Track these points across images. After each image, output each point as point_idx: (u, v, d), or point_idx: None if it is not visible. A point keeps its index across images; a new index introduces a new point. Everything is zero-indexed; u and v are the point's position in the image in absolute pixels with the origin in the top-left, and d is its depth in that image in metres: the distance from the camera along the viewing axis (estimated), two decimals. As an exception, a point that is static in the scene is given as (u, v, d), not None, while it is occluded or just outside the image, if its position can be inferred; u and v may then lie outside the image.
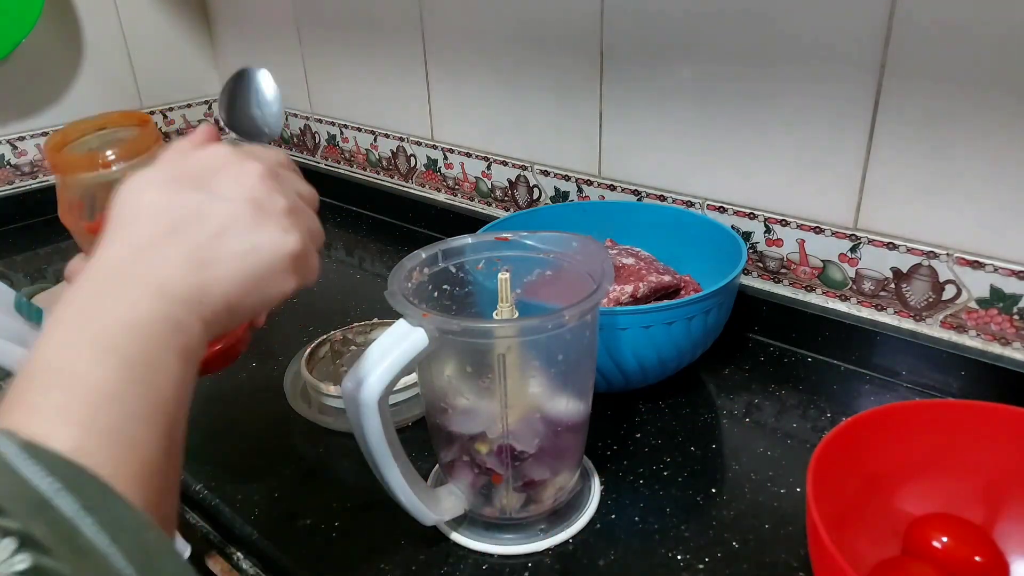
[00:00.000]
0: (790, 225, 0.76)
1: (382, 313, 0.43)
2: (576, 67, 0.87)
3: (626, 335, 0.62)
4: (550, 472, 0.54)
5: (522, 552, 0.53)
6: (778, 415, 0.67)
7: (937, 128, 0.64)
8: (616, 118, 0.86)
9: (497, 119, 0.99)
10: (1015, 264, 0.64)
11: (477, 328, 0.49)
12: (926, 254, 0.68)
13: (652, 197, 0.86)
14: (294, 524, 0.57)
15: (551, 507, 0.55)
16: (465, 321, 0.49)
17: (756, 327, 0.79)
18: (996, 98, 0.60)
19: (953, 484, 0.50)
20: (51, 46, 1.21)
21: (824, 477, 0.45)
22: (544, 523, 0.55)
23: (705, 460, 0.62)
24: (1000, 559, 0.46)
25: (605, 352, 0.62)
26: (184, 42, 1.37)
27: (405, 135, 1.13)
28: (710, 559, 0.52)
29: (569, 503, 0.57)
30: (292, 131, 1.34)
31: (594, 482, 0.59)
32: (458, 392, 0.51)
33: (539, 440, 0.52)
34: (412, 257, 0.53)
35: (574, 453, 0.56)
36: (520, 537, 0.54)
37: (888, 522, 0.49)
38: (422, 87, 1.06)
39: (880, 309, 0.73)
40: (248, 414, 0.70)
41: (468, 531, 0.55)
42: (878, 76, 0.65)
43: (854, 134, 0.68)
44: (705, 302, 0.63)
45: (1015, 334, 0.66)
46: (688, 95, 0.78)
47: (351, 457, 0.63)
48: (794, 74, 0.70)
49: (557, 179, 0.95)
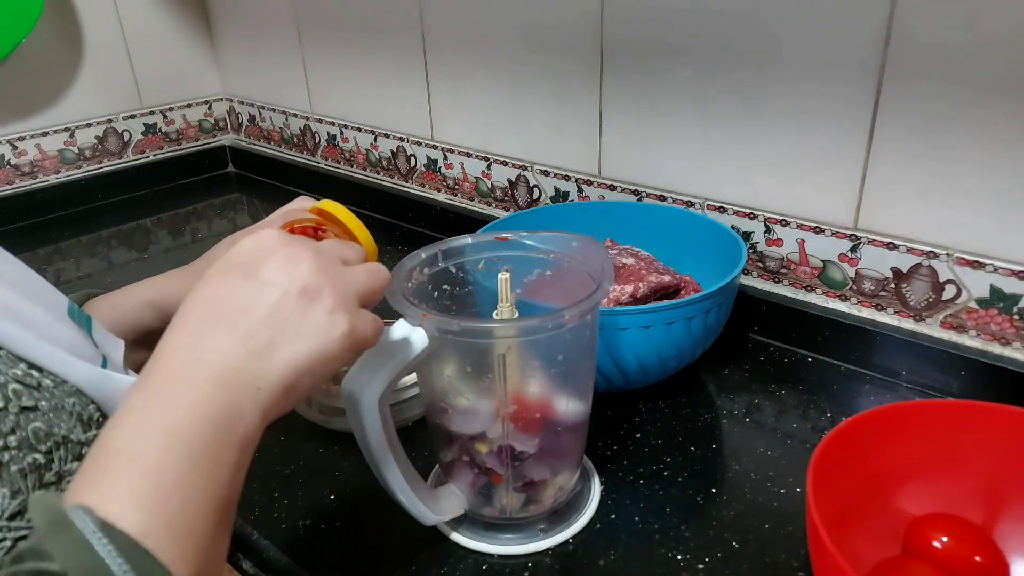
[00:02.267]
0: (790, 225, 0.76)
1: (383, 313, 0.43)
2: (576, 67, 0.87)
3: (626, 335, 0.62)
4: (550, 472, 0.54)
5: (522, 552, 0.53)
6: (778, 415, 0.67)
7: (937, 128, 0.64)
8: (616, 118, 0.86)
9: (497, 119, 0.99)
10: (1015, 264, 0.64)
11: (477, 328, 0.49)
12: (926, 254, 0.68)
13: (652, 197, 0.86)
14: (294, 524, 0.57)
15: (551, 507, 0.55)
16: (465, 321, 0.49)
17: (756, 327, 0.79)
18: (996, 98, 0.60)
19: (953, 484, 0.50)
20: (51, 46, 1.21)
21: (824, 477, 0.45)
22: (544, 523, 0.55)
23: (705, 460, 0.62)
24: (1000, 559, 0.46)
25: (605, 352, 0.62)
26: (184, 42, 1.37)
27: (405, 135, 1.13)
28: (710, 559, 0.52)
29: (569, 503, 0.57)
30: (292, 131, 1.34)
31: (594, 482, 0.59)
32: (458, 392, 0.51)
33: (539, 440, 0.52)
34: (412, 257, 0.53)
35: (574, 453, 0.56)
36: (520, 537, 0.54)
37: (888, 522, 0.49)
38: (422, 87, 1.06)
39: (880, 309, 0.73)
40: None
41: (468, 531, 0.55)
42: (878, 76, 0.65)
43: (854, 134, 0.68)
44: (705, 302, 0.63)
45: (1015, 334, 0.66)
46: (688, 95, 0.78)
47: (351, 457, 0.63)
48: (794, 74, 0.70)
49: (557, 179, 0.95)
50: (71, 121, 1.27)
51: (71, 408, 0.40)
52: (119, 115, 1.32)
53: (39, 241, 1.17)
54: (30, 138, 1.23)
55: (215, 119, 1.46)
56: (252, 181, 1.43)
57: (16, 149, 1.22)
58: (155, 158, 1.39)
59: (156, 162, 1.38)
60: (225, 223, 1.24)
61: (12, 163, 1.22)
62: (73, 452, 0.39)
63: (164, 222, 1.25)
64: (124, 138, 1.34)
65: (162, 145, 1.40)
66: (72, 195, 1.28)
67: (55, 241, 1.17)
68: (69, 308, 0.46)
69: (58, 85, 1.24)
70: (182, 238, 1.19)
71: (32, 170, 1.25)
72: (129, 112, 1.33)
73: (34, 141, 1.23)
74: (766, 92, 0.73)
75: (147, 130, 1.37)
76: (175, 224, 1.24)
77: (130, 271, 1.06)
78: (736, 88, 0.75)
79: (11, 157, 1.22)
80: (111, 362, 0.45)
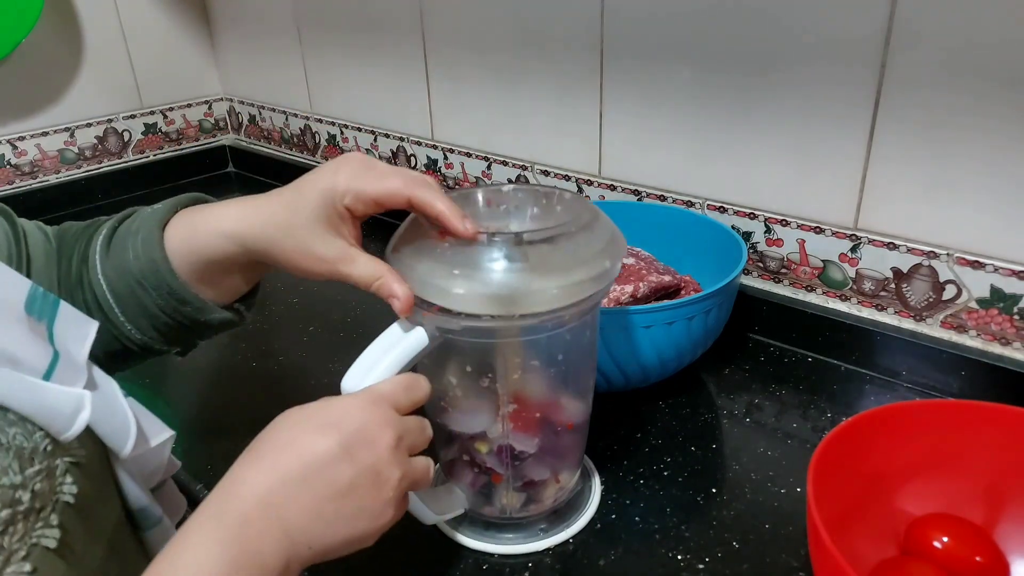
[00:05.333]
0: (790, 225, 0.76)
1: (384, 313, 0.43)
2: (576, 67, 0.87)
3: (626, 335, 0.62)
4: (550, 472, 0.54)
5: (522, 552, 0.53)
6: (778, 415, 0.67)
7: (937, 128, 0.64)
8: (616, 118, 0.86)
9: (497, 119, 0.99)
10: (1015, 264, 0.64)
11: (477, 328, 0.49)
12: (926, 254, 0.68)
13: (652, 197, 0.86)
14: (294, 524, 0.57)
15: (551, 507, 0.55)
16: (465, 320, 0.49)
17: (756, 327, 0.79)
18: (996, 98, 0.60)
19: (953, 484, 0.50)
20: (51, 46, 1.21)
21: (824, 477, 0.45)
22: (544, 523, 0.55)
23: (705, 460, 0.62)
24: (1000, 559, 0.46)
25: (605, 352, 0.62)
26: (184, 42, 1.37)
27: (405, 135, 1.13)
28: (710, 559, 0.52)
29: (569, 503, 0.57)
30: (292, 131, 1.34)
31: (595, 481, 0.59)
32: (458, 391, 0.51)
33: (539, 440, 0.52)
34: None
35: (574, 453, 0.56)
36: (520, 537, 0.54)
37: (888, 522, 0.49)
38: (422, 87, 1.06)
39: (880, 309, 0.73)
40: (249, 414, 0.70)
41: (468, 530, 0.55)
42: (878, 76, 0.65)
43: (854, 134, 0.68)
44: (705, 302, 0.63)
45: (1015, 334, 0.66)
46: (688, 95, 0.78)
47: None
48: (794, 74, 0.70)
49: (557, 179, 0.95)
50: (71, 121, 1.27)
51: (9, 441, 0.33)
52: (119, 115, 1.32)
53: (39, 241, 1.17)
54: (30, 138, 1.23)
55: (215, 119, 1.46)
56: (252, 181, 1.43)
57: (16, 149, 1.22)
58: (155, 158, 1.39)
59: (156, 162, 1.38)
60: (225, 223, 1.24)
61: (12, 163, 1.22)
62: (3, 499, 0.31)
63: (164, 222, 1.25)
64: (124, 138, 1.34)
65: (162, 145, 1.40)
66: (72, 195, 1.28)
67: (55, 241, 1.17)
68: (28, 299, 0.38)
69: (58, 85, 1.24)
70: (182, 238, 1.19)
71: (32, 170, 1.25)
72: (129, 112, 1.33)
73: (34, 141, 1.23)
74: (766, 92, 0.73)
75: (147, 130, 1.37)
76: (175, 224, 1.24)
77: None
78: (736, 88, 0.75)
79: (11, 157, 1.22)
80: (65, 358, 0.37)
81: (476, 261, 0.44)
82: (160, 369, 0.78)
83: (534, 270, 0.44)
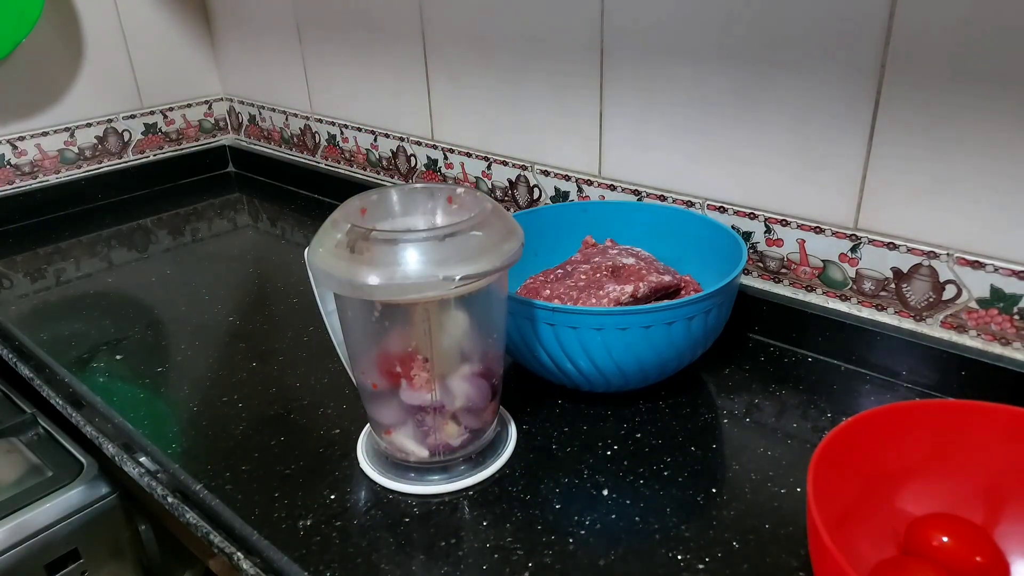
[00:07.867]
0: (790, 225, 0.76)
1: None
2: (576, 67, 0.87)
3: (626, 335, 0.62)
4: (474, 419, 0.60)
5: (448, 491, 0.59)
6: (778, 415, 0.67)
7: (937, 128, 0.64)
8: (616, 118, 0.86)
9: (497, 119, 0.99)
10: (1015, 264, 0.64)
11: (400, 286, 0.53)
12: (926, 254, 0.68)
13: (652, 197, 0.86)
14: (294, 524, 0.57)
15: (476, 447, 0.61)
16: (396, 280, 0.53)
17: (756, 327, 0.79)
18: (996, 98, 0.60)
19: (953, 484, 0.50)
20: (51, 46, 1.21)
21: (824, 477, 0.45)
22: (464, 464, 0.61)
23: (705, 460, 0.62)
24: (1001, 559, 0.46)
25: (606, 352, 0.62)
26: (184, 42, 1.38)
27: (405, 135, 1.13)
28: (710, 559, 0.52)
29: (488, 447, 0.62)
30: (292, 131, 1.34)
31: (511, 429, 0.65)
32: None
33: (468, 388, 0.58)
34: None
35: (490, 399, 0.61)
36: (446, 478, 0.60)
37: (888, 522, 0.49)
38: (422, 87, 1.06)
39: (880, 309, 0.73)
40: (249, 414, 0.70)
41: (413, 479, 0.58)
42: (878, 76, 0.65)
43: (854, 134, 0.68)
44: (705, 302, 0.63)
45: (1015, 334, 0.66)
46: (688, 95, 0.78)
47: (351, 457, 0.63)
48: (794, 74, 0.70)
49: (557, 179, 0.95)
50: (71, 121, 1.27)
51: None
52: (119, 115, 1.32)
53: (39, 241, 1.17)
54: (30, 138, 1.23)
55: (215, 119, 1.46)
56: (252, 181, 1.43)
57: (16, 149, 1.22)
58: (155, 158, 1.39)
59: (156, 162, 1.38)
60: (225, 223, 1.24)
61: (12, 163, 1.22)
62: None
63: (164, 222, 1.25)
64: (124, 138, 1.34)
65: (162, 145, 1.40)
66: (72, 195, 1.28)
67: (55, 241, 1.17)
68: None
69: (58, 85, 1.24)
70: (182, 238, 1.19)
71: (32, 170, 1.25)
72: (129, 112, 1.33)
73: (34, 141, 1.24)
74: (766, 92, 0.73)
75: (147, 130, 1.37)
76: (175, 224, 1.24)
77: (130, 271, 1.06)
78: (736, 88, 0.75)
79: (11, 157, 1.22)
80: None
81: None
82: (160, 369, 0.78)
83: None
